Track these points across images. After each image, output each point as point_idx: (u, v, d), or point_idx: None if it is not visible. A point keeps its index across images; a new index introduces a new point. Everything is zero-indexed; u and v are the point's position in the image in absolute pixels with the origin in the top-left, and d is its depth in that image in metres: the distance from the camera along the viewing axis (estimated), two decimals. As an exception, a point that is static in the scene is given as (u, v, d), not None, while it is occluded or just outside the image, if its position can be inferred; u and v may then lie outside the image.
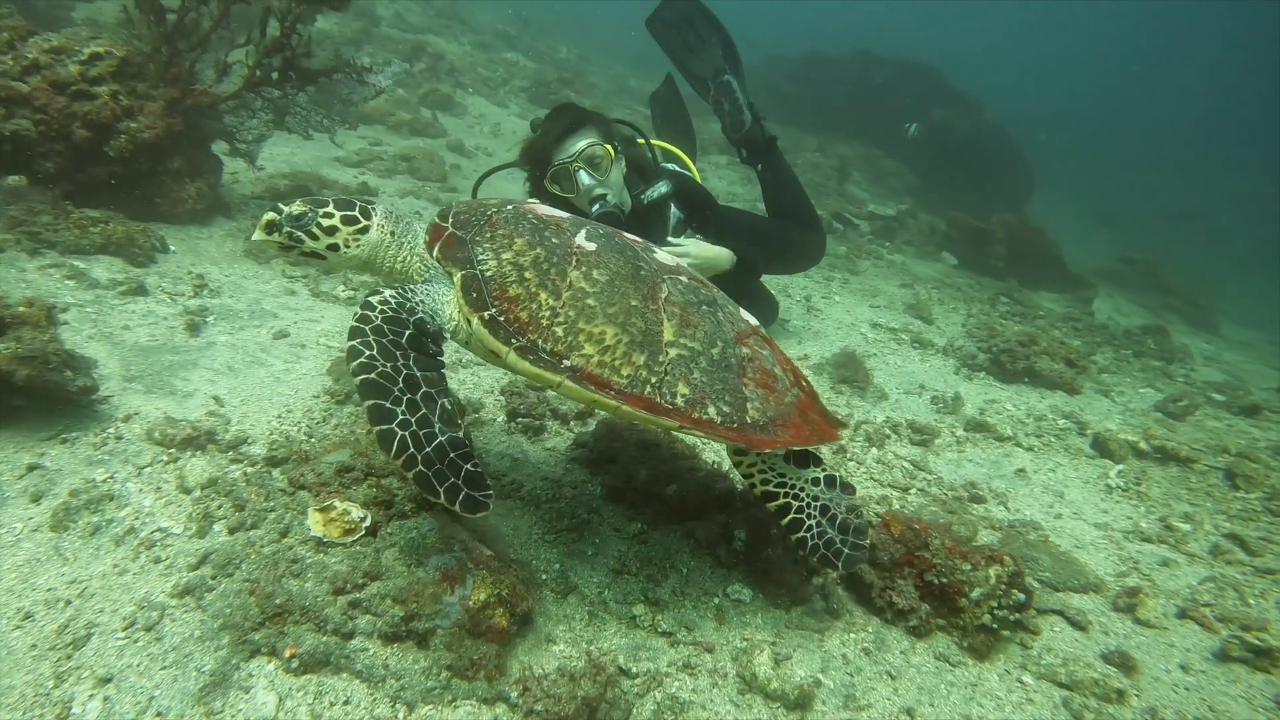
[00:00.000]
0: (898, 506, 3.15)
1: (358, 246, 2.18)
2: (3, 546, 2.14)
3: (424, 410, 1.91)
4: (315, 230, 2.12)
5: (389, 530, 2.20)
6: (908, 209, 9.81)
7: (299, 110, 5.10)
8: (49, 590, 2.03)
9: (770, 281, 5.70)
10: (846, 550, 2.29)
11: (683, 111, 5.63)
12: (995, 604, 2.39)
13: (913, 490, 3.30)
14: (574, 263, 2.11)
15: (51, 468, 2.45)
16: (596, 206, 3.89)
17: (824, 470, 2.36)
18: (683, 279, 2.30)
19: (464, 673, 1.97)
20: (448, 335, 2.14)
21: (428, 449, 1.87)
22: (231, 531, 2.23)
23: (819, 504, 2.31)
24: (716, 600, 2.42)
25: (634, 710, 2.00)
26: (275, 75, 4.89)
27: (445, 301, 2.11)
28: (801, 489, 2.32)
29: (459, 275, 2.08)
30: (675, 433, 2.18)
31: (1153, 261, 11.50)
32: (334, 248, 2.15)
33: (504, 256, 2.10)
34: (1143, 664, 2.46)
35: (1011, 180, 13.21)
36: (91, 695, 1.79)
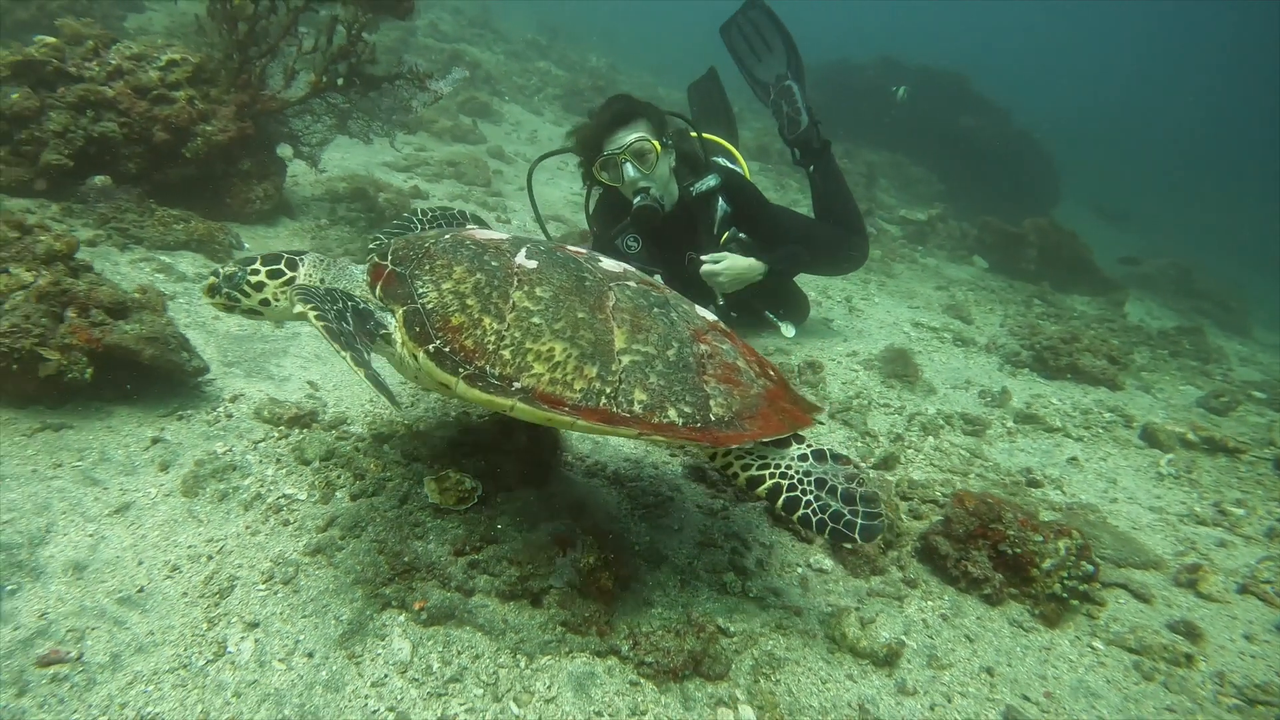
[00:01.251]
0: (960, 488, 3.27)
1: (287, 299, 2.16)
2: (142, 509, 2.30)
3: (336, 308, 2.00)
4: (246, 288, 2.15)
5: (499, 499, 2.35)
6: (938, 214, 9.93)
7: (360, 115, 5.30)
8: (190, 547, 2.20)
9: (811, 282, 5.85)
10: (860, 520, 2.06)
11: (725, 104, 5.77)
12: (1065, 574, 2.50)
13: (971, 475, 3.42)
14: (515, 283, 2.10)
15: (173, 441, 2.63)
16: (639, 198, 4.03)
17: (809, 446, 2.22)
18: (631, 284, 2.27)
19: (577, 628, 2.11)
20: (396, 359, 2.16)
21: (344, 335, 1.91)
22: (354, 498, 2.39)
23: (812, 478, 2.13)
24: (800, 570, 2.56)
25: (733, 665, 2.13)
26: (340, 81, 5.09)
27: (397, 339, 2.10)
28: (789, 467, 2.16)
29: (400, 311, 2.07)
30: (639, 440, 2.01)
31: (1184, 266, 11.53)
32: (265, 302, 2.17)
33: (444, 286, 2.09)
34: (1208, 633, 2.57)
35: (1038, 186, 13.28)
36: (243, 637, 1.95)
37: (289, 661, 1.90)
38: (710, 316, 2.41)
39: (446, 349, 2.01)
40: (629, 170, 4.00)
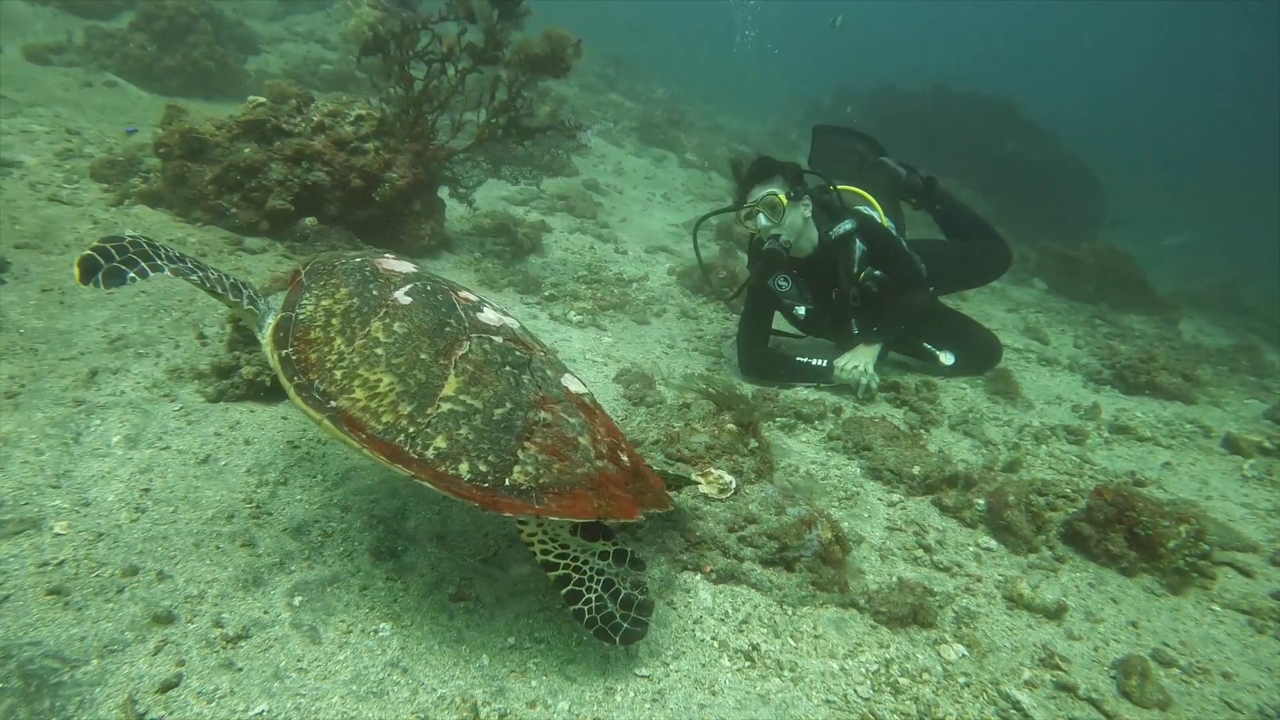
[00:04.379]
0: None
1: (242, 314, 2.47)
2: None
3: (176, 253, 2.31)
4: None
5: (746, 490, 3.04)
6: (995, 236, 10.54)
7: (513, 161, 6.04)
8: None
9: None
10: (625, 625, 2.20)
11: (880, 164, 6.09)
12: (1187, 552, 3.15)
13: (1084, 477, 4.07)
14: (381, 314, 2.23)
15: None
16: (769, 242, 4.71)
17: (614, 545, 2.29)
18: (496, 339, 2.34)
19: (824, 587, 2.79)
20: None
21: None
22: None
23: (603, 578, 2.24)
24: (971, 548, 3.22)
25: (939, 616, 2.79)
26: (500, 133, 5.84)
27: (264, 340, 2.32)
28: (585, 562, 2.24)
29: (278, 316, 2.28)
30: (428, 485, 2.06)
31: (1230, 282, 12.03)
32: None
33: (323, 303, 2.27)
34: (1303, 601, 3.21)
35: (1083, 206, 13.82)
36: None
37: (625, 606, 2.59)
38: (578, 389, 2.45)
39: (294, 357, 2.19)
40: (761, 219, 4.69)
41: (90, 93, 8.09)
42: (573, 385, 2.46)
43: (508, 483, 2.07)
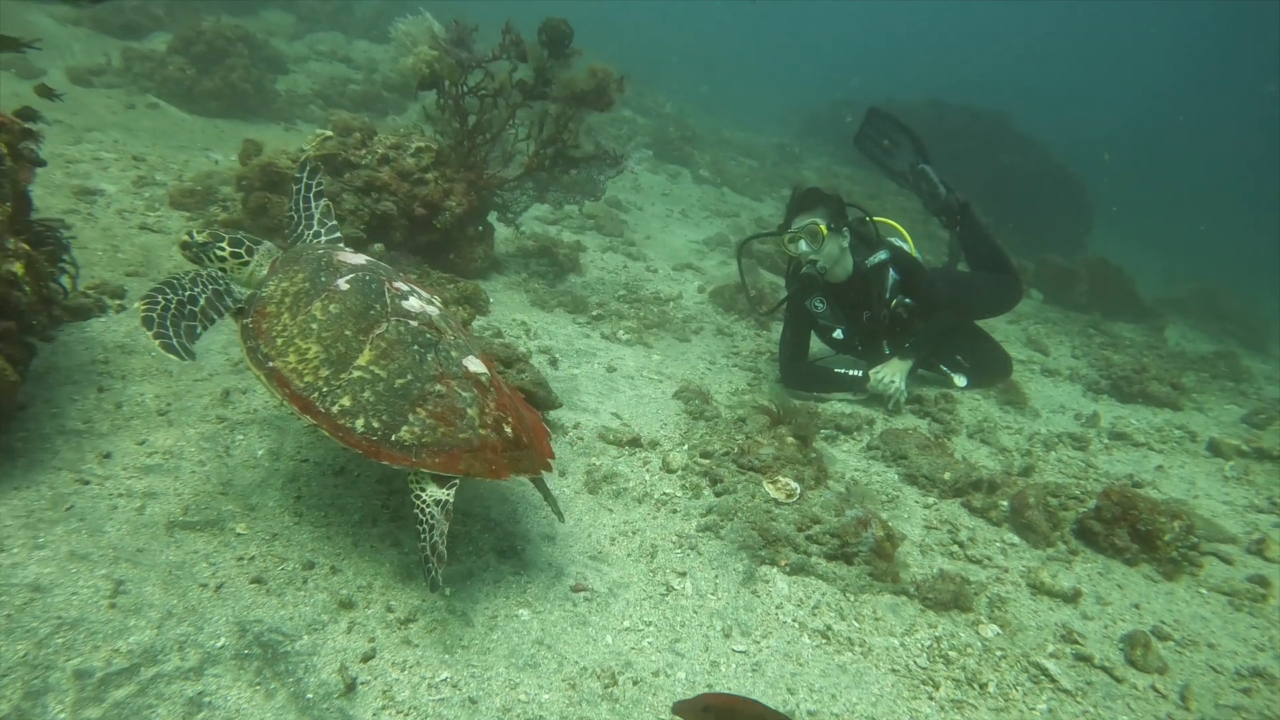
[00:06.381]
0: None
1: (238, 271, 2.96)
2: (563, 500, 3.48)
3: (189, 294, 2.72)
4: (213, 255, 2.93)
5: (808, 495, 3.54)
6: (991, 247, 11.12)
7: (558, 188, 6.51)
8: (611, 526, 3.38)
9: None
10: (431, 574, 2.49)
11: (922, 172, 6.38)
12: (1180, 545, 3.69)
13: (1090, 480, 4.60)
14: (322, 297, 2.68)
15: (555, 456, 3.81)
16: (807, 266, 5.22)
17: (449, 494, 2.60)
18: (411, 323, 2.74)
19: (879, 578, 3.30)
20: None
21: (170, 315, 2.65)
22: (718, 495, 3.59)
23: (428, 523, 2.55)
24: (998, 544, 3.75)
25: (974, 601, 3.31)
26: (547, 163, 6.31)
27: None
28: (425, 504, 2.58)
29: (250, 294, 2.81)
30: (326, 433, 2.54)
31: (1209, 289, 12.68)
32: (224, 271, 2.95)
33: (283, 285, 2.74)
34: (1274, 581, 3.75)
35: (1072, 216, 14.44)
36: (680, 577, 3.13)
37: (716, 594, 3.08)
38: (474, 369, 2.77)
39: (250, 325, 2.69)
40: (802, 245, 5.20)
41: (136, 115, 8.49)
42: (473, 366, 2.79)
43: (393, 438, 2.51)
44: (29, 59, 8.67)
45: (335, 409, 2.52)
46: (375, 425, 2.51)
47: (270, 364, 2.59)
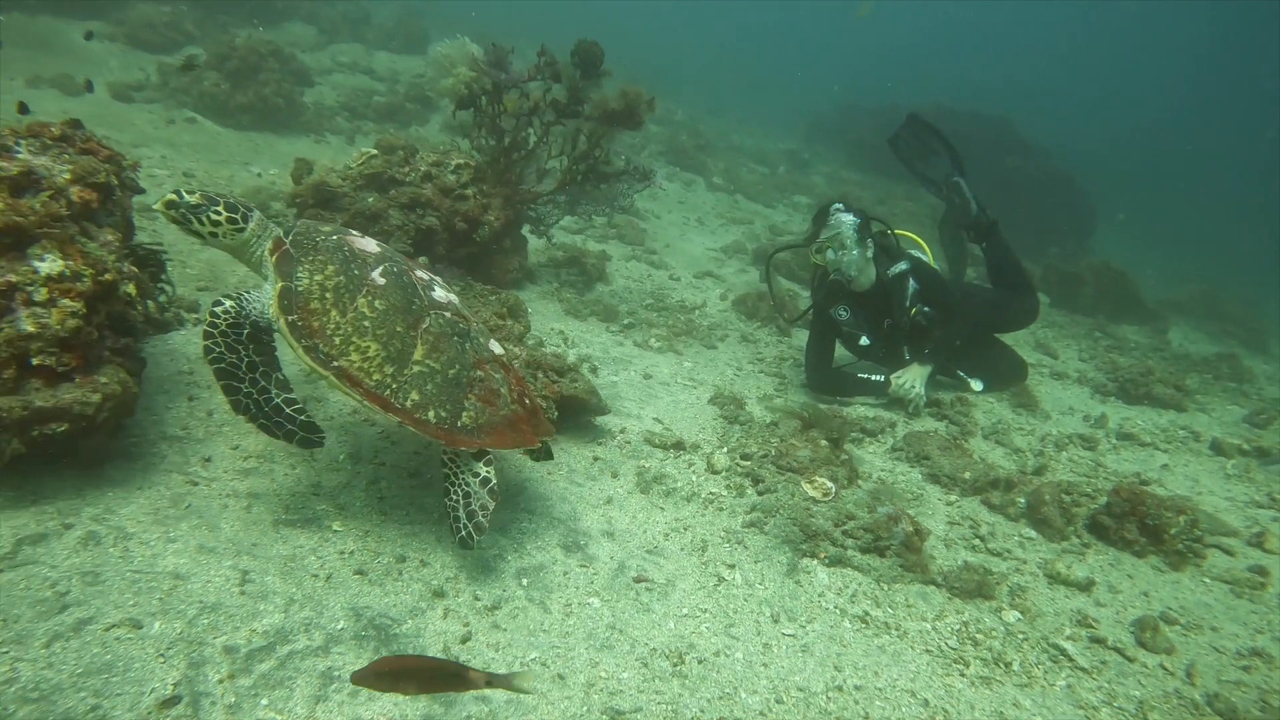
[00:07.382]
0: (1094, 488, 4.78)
1: (230, 239, 2.85)
2: (618, 500, 3.80)
3: (262, 383, 2.83)
4: (205, 219, 2.78)
5: (843, 494, 3.87)
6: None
7: (588, 202, 6.83)
8: (664, 523, 3.70)
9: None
10: (462, 533, 2.92)
11: (956, 185, 6.61)
12: (1184, 538, 4.00)
13: (1099, 478, 4.92)
14: (364, 292, 2.78)
15: (606, 459, 4.13)
16: (835, 274, 5.54)
17: (492, 472, 2.97)
18: (446, 314, 2.95)
19: (909, 569, 3.61)
20: (273, 328, 2.84)
21: (266, 408, 2.84)
22: (760, 494, 3.91)
23: (466, 490, 2.94)
24: (1016, 538, 4.07)
25: (997, 590, 3.62)
26: (579, 178, 6.63)
27: (269, 302, 2.78)
28: (462, 479, 2.95)
29: (279, 285, 2.75)
30: (407, 427, 2.83)
31: (1210, 291, 12.99)
32: (214, 235, 2.82)
33: (315, 278, 2.76)
34: (1273, 571, 4.07)
35: (1075, 219, 14.74)
36: (730, 569, 3.44)
37: (763, 584, 3.40)
38: (496, 351, 3.13)
39: (299, 323, 2.71)
40: (829, 254, 5.52)
41: (177, 130, 8.81)
42: (496, 349, 3.15)
43: (459, 424, 2.84)
44: (71, 76, 9.00)
45: (409, 404, 2.76)
46: (444, 415, 2.82)
47: (335, 363, 2.72)
